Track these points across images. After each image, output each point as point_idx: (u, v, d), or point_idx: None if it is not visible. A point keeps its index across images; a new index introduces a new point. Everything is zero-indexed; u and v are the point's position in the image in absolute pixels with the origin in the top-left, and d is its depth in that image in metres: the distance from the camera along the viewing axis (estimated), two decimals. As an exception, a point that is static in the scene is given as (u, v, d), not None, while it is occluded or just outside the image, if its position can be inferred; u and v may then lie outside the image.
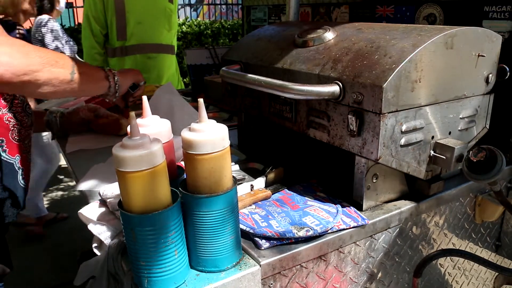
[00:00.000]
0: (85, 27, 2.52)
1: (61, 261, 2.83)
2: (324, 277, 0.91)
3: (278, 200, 1.00)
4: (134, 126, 0.67)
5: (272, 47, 1.18)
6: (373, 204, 0.99)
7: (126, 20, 2.43)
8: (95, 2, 2.41)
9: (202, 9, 9.90)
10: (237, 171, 1.20)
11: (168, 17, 2.56)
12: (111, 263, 0.82)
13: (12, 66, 0.88)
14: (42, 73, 0.94)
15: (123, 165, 0.65)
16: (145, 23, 2.46)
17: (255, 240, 0.85)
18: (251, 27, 2.37)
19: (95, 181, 1.15)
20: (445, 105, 0.97)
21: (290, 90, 0.93)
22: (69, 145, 1.49)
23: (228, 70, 1.16)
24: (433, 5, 1.37)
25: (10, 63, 0.88)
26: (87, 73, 1.09)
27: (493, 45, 1.01)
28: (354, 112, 0.89)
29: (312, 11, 1.90)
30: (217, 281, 0.75)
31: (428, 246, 1.11)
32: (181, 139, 0.73)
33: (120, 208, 0.69)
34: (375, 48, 0.93)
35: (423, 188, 1.04)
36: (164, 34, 2.57)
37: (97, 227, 0.89)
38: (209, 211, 0.72)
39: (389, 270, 1.04)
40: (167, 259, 0.70)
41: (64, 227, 3.28)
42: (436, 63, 0.90)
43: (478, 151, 0.91)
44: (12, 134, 1.10)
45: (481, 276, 1.32)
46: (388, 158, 0.90)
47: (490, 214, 1.19)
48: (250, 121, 1.37)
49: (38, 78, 0.94)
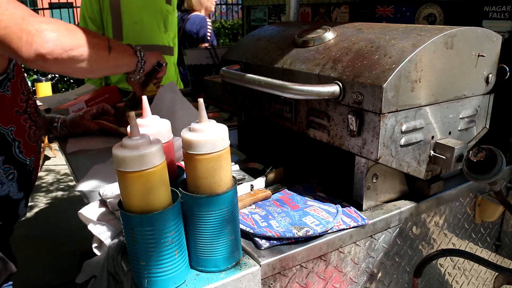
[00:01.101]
0: None
1: (61, 261, 2.83)
2: (324, 277, 0.91)
3: (278, 200, 1.00)
4: (134, 126, 0.67)
5: (272, 47, 1.18)
6: (373, 204, 0.99)
7: (121, 20, 2.43)
8: (91, 3, 2.42)
9: (202, 9, 9.88)
10: (237, 171, 1.20)
11: (164, 18, 2.56)
12: (111, 263, 0.82)
13: (60, 42, 0.93)
14: (86, 48, 0.99)
15: (123, 165, 0.65)
16: (141, 23, 2.46)
17: (255, 240, 0.85)
18: (251, 27, 2.37)
19: (95, 182, 1.15)
20: (445, 105, 0.97)
21: (290, 90, 0.93)
22: (69, 145, 1.49)
23: (228, 70, 1.16)
24: (433, 5, 1.37)
25: (59, 39, 0.93)
26: (120, 48, 1.16)
27: (493, 45, 1.01)
28: (354, 112, 0.89)
29: (312, 11, 1.90)
30: (217, 281, 0.75)
31: (428, 246, 1.11)
32: (181, 139, 0.73)
33: (120, 208, 0.69)
34: (375, 48, 0.93)
35: (423, 188, 1.04)
36: (161, 35, 2.57)
37: (97, 227, 0.89)
38: (209, 211, 0.72)
39: (389, 270, 1.04)
40: (167, 259, 0.70)
41: (64, 227, 3.28)
42: (436, 63, 0.90)
43: (478, 151, 0.91)
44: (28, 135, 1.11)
45: (481, 276, 1.32)
46: (388, 158, 0.90)
47: (490, 214, 1.19)
48: (250, 121, 1.37)
49: (82, 53, 0.99)
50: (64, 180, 4.26)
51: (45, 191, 4.03)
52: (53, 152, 4.80)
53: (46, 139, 4.36)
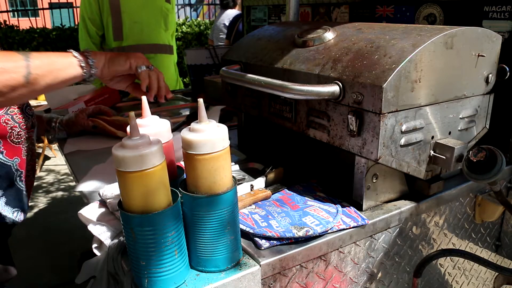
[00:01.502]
0: (81, 28, 2.53)
1: (61, 261, 2.83)
2: (324, 277, 0.91)
3: (278, 200, 1.00)
4: (134, 126, 0.67)
5: (272, 47, 1.18)
6: (373, 204, 0.99)
7: (122, 21, 2.43)
8: (90, 3, 2.43)
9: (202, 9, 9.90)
10: (237, 171, 1.20)
11: (164, 16, 2.56)
12: (111, 263, 0.82)
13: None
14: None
15: (123, 165, 0.65)
16: (141, 23, 2.47)
17: (255, 240, 0.85)
18: (251, 27, 2.37)
19: (95, 182, 1.15)
20: (445, 105, 0.97)
21: (290, 90, 0.93)
22: (67, 145, 1.49)
23: (228, 70, 1.16)
24: (433, 5, 1.37)
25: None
26: (49, 65, 0.91)
27: (493, 45, 1.01)
28: (354, 112, 0.89)
29: (312, 11, 1.90)
30: (217, 281, 0.75)
31: (428, 246, 1.11)
32: (181, 139, 0.73)
33: (120, 208, 0.69)
34: (375, 48, 0.93)
35: (423, 188, 1.04)
36: (161, 34, 2.58)
37: (97, 227, 0.89)
38: (209, 211, 0.72)
39: (389, 270, 1.04)
40: (167, 259, 0.70)
41: (64, 227, 3.28)
42: (436, 63, 0.90)
43: (478, 151, 0.91)
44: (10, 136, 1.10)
45: (481, 276, 1.32)
46: (388, 158, 0.90)
47: (490, 214, 1.19)
48: (250, 121, 1.37)
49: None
50: (64, 180, 4.26)
51: (45, 191, 4.03)
52: (53, 152, 4.80)
53: (46, 139, 4.37)
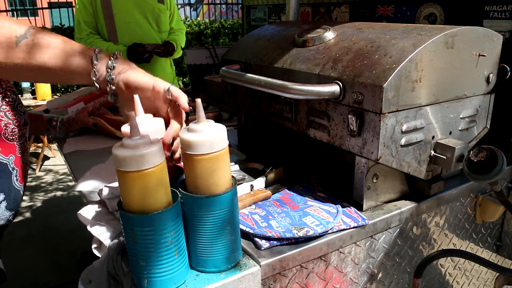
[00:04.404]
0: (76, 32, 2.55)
1: (61, 261, 2.83)
2: (324, 277, 0.91)
3: (278, 200, 1.00)
4: (134, 126, 0.67)
5: (272, 47, 1.17)
6: (374, 204, 0.99)
7: (114, 22, 2.47)
8: (85, 7, 2.47)
9: (202, 9, 9.91)
10: (237, 171, 1.20)
11: (157, 17, 2.59)
12: (110, 264, 0.82)
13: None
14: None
15: (123, 165, 0.65)
16: (134, 23, 2.51)
17: (255, 240, 0.85)
18: (251, 27, 2.37)
19: (94, 182, 1.15)
20: (446, 105, 0.97)
21: (290, 90, 0.92)
22: (66, 145, 1.49)
23: (228, 70, 1.16)
24: (433, 4, 1.37)
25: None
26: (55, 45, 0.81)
27: (493, 45, 1.01)
28: (354, 112, 0.89)
29: (312, 10, 1.89)
30: (217, 281, 0.75)
31: (428, 246, 1.11)
32: (179, 140, 0.73)
33: (119, 208, 0.69)
34: (375, 47, 0.92)
35: (423, 188, 1.04)
36: (154, 35, 2.60)
37: (96, 228, 0.89)
38: (208, 211, 0.72)
39: (390, 271, 1.04)
40: (167, 259, 0.70)
41: (64, 227, 3.28)
42: (436, 62, 0.90)
43: (479, 151, 0.91)
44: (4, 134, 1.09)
45: (481, 276, 1.32)
46: (389, 158, 0.90)
47: (491, 214, 1.19)
48: (250, 121, 1.37)
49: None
50: (64, 180, 4.26)
51: (45, 191, 4.03)
52: (53, 152, 4.80)
53: (45, 139, 4.37)
